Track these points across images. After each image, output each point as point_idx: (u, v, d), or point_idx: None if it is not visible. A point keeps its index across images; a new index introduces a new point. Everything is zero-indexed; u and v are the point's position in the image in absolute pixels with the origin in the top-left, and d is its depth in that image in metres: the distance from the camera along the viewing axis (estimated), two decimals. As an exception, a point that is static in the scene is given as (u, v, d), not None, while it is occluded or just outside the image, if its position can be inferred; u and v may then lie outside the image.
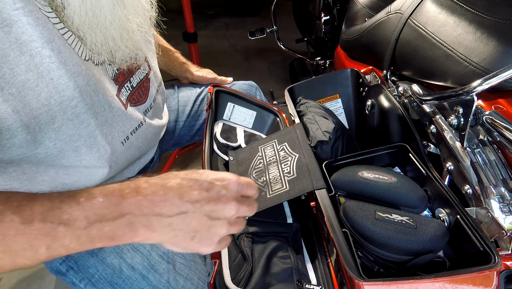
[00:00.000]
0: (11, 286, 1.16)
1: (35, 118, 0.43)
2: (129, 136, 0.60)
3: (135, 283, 0.57)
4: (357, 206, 0.52)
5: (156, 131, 0.71)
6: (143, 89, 0.65)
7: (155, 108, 0.71)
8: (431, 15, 0.69)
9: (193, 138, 0.96)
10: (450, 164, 0.59)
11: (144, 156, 0.73)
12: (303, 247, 0.58)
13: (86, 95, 0.48)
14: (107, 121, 0.53)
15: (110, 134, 0.54)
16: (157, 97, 0.72)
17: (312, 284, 0.51)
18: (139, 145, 0.65)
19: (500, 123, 0.52)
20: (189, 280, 0.60)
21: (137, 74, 0.63)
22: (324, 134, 0.65)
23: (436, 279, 0.40)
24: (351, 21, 1.05)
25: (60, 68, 0.44)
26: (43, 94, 0.43)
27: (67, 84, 0.45)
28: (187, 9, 1.54)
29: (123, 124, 0.57)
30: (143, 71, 0.65)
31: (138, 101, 0.63)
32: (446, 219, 0.53)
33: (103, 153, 0.54)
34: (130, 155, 0.63)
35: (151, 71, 0.68)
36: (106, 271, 0.58)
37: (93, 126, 0.50)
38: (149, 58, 0.68)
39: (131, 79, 0.61)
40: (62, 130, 0.47)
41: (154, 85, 0.69)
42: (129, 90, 0.60)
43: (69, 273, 0.59)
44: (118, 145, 0.57)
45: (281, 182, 0.60)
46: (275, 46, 1.90)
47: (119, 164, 0.60)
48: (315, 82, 0.88)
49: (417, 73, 0.72)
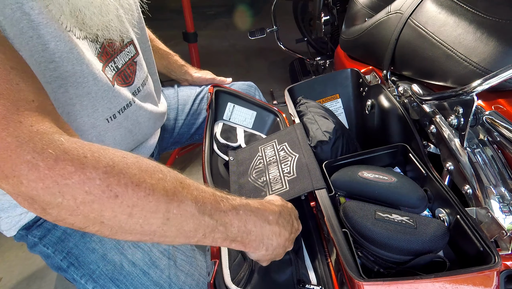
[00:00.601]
0: (11, 286, 1.16)
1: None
2: (116, 115, 0.60)
3: (136, 279, 0.57)
4: (357, 206, 0.52)
5: (149, 116, 0.71)
6: (128, 72, 0.65)
7: (145, 93, 0.70)
8: (431, 15, 0.69)
9: (192, 137, 0.97)
10: (450, 164, 0.59)
11: (142, 148, 0.73)
12: (303, 247, 0.58)
13: (67, 61, 0.48)
14: (89, 93, 0.53)
15: (92, 107, 0.55)
16: (147, 82, 0.71)
17: (312, 284, 0.51)
18: (129, 127, 0.65)
19: (500, 123, 0.52)
20: (190, 276, 0.61)
21: (122, 56, 0.63)
22: (324, 134, 0.65)
23: (436, 279, 0.40)
24: (351, 21, 1.05)
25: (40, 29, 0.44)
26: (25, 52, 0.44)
27: (46, 45, 0.46)
28: (187, 9, 1.54)
29: (109, 100, 0.57)
30: (128, 53, 0.65)
31: (124, 83, 0.63)
32: (446, 219, 0.53)
33: (81, 123, 0.54)
34: (120, 136, 0.63)
35: (139, 56, 0.68)
36: (107, 267, 0.58)
37: (72, 94, 0.51)
38: (136, 43, 0.68)
39: (116, 59, 0.61)
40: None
41: (142, 69, 0.69)
42: (114, 71, 0.60)
43: (70, 269, 0.59)
44: (101, 120, 0.57)
45: (281, 182, 0.60)
46: (275, 46, 1.90)
47: (104, 142, 0.60)
48: (315, 82, 0.88)
49: (417, 73, 0.72)
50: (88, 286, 0.59)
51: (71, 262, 0.59)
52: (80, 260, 0.59)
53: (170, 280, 0.58)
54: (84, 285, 0.59)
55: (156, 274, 0.58)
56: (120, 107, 0.61)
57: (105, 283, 0.58)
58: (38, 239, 0.61)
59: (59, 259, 0.60)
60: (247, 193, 0.62)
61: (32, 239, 0.61)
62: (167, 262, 0.60)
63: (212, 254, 0.53)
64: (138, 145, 0.73)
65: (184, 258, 0.63)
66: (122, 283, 0.58)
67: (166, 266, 0.59)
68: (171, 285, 0.58)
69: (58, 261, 0.60)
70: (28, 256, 1.25)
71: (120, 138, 0.64)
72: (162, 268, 0.59)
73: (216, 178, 0.71)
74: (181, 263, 0.62)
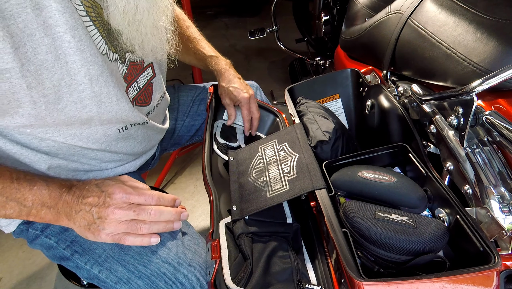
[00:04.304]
0: (11, 286, 1.16)
1: (45, 97, 0.47)
2: (128, 127, 0.63)
3: (144, 258, 0.58)
4: (357, 206, 0.52)
5: (157, 132, 0.74)
6: (147, 92, 0.68)
7: (158, 112, 0.74)
8: (431, 15, 0.69)
9: (192, 138, 0.97)
10: (450, 164, 0.59)
11: (146, 153, 0.76)
12: (303, 247, 0.58)
13: (95, 84, 0.51)
14: (111, 112, 0.56)
15: (109, 122, 0.58)
16: (160, 103, 0.75)
17: (312, 284, 0.51)
18: (139, 139, 0.68)
19: (500, 123, 0.52)
20: (197, 254, 0.62)
21: (142, 77, 0.66)
22: (324, 134, 0.65)
23: (436, 279, 0.40)
24: (351, 21, 1.05)
25: (76, 54, 0.48)
26: (56, 76, 0.47)
27: (79, 69, 0.49)
28: (187, 9, 1.54)
29: (127, 118, 0.61)
30: (147, 75, 0.68)
31: (144, 102, 0.67)
32: (446, 219, 0.53)
33: (94, 131, 0.58)
34: (130, 146, 0.66)
35: (155, 77, 0.71)
36: (114, 250, 0.59)
37: (94, 112, 0.54)
38: (154, 65, 0.70)
39: (138, 80, 0.64)
40: (65, 112, 0.51)
41: (157, 90, 0.72)
42: (136, 91, 0.64)
43: (74, 257, 0.60)
44: (113, 130, 0.60)
45: (281, 182, 0.60)
46: (275, 46, 1.90)
47: (117, 151, 0.64)
48: (315, 82, 0.88)
49: (417, 73, 0.72)
50: (94, 270, 0.59)
51: (75, 250, 0.60)
52: (85, 246, 0.60)
53: (178, 257, 0.60)
54: (89, 270, 0.60)
55: (165, 253, 0.59)
56: (133, 122, 0.64)
57: (111, 265, 0.59)
58: (40, 231, 0.62)
59: (62, 248, 0.61)
60: (247, 192, 0.62)
61: (33, 232, 0.62)
62: (175, 242, 0.61)
63: (213, 254, 0.53)
64: (144, 153, 0.75)
65: (191, 239, 0.64)
66: (129, 263, 0.58)
67: (174, 245, 0.61)
68: (179, 262, 0.59)
69: (61, 250, 0.61)
70: (28, 256, 1.25)
71: (131, 149, 0.67)
72: (170, 247, 0.60)
73: (216, 177, 0.71)
74: (188, 243, 0.63)
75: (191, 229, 0.68)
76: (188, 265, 0.59)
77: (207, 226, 1.38)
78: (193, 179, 1.60)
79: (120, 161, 0.68)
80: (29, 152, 0.55)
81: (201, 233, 1.34)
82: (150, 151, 0.78)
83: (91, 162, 0.63)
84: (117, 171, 0.69)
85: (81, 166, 0.62)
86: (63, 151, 0.57)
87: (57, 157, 0.58)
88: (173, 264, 0.59)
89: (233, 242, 0.55)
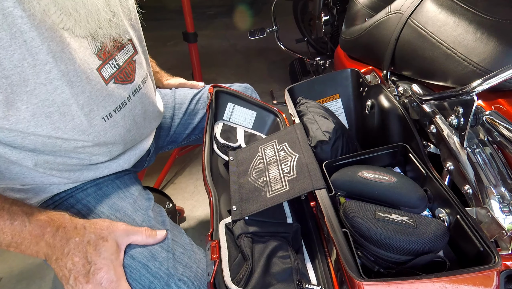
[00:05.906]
0: (11, 286, 1.16)
1: (7, 78, 0.45)
2: (112, 114, 0.61)
3: (135, 271, 0.58)
4: (357, 206, 0.52)
5: (145, 116, 0.72)
6: (129, 69, 0.66)
7: (146, 91, 0.71)
8: (431, 15, 0.69)
9: (189, 137, 0.97)
10: (450, 164, 0.59)
11: (139, 146, 0.74)
12: (303, 247, 0.58)
13: (60, 61, 0.49)
14: (84, 92, 0.54)
15: (88, 106, 0.56)
16: (147, 81, 0.72)
17: (312, 284, 0.51)
18: (127, 126, 0.66)
19: (500, 123, 0.52)
20: (189, 268, 0.61)
21: (122, 54, 0.64)
22: (324, 134, 0.65)
23: (436, 279, 0.40)
24: (351, 21, 1.05)
25: (32, 30, 0.45)
26: (16, 56, 0.45)
27: (40, 47, 0.47)
28: (187, 9, 1.54)
29: (103, 99, 0.59)
30: (127, 52, 0.66)
31: (125, 80, 0.64)
32: (446, 219, 0.53)
33: (78, 123, 0.56)
34: (119, 135, 0.65)
35: (137, 54, 0.69)
36: None
37: (68, 94, 0.52)
38: (134, 41, 0.69)
39: (116, 57, 0.62)
40: (35, 94, 0.49)
41: (142, 67, 0.70)
42: (115, 68, 0.62)
43: None
44: (98, 119, 0.59)
45: (281, 182, 0.60)
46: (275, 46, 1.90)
47: (106, 142, 0.62)
48: (315, 82, 0.88)
49: (417, 73, 0.72)
50: None
51: None
52: None
53: (169, 271, 0.59)
54: None
55: (155, 266, 0.59)
56: (115, 106, 0.62)
57: None
58: None
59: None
60: (247, 193, 0.62)
61: None
62: (166, 255, 0.60)
63: (212, 254, 0.53)
64: (135, 144, 0.73)
65: (182, 251, 0.63)
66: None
67: (165, 259, 0.60)
68: (169, 277, 0.58)
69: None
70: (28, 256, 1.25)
71: (119, 138, 0.65)
72: (161, 261, 0.59)
73: (216, 178, 0.71)
74: (179, 255, 0.62)
75: (184, 239, 0.66)
76: (179, 280, 0.59)
77: (207, 226, 1.38)
78: (193, 179, 1.60)
79: (110, 153, 0.66)
80: (13, 150, 0.54)
81: (201, 233, 1.34)
82: (143, 142, 0.75)
83: (80, 156, 0.61)
84: (111, 167, 0.68)
85: (70, 160, 0.61)
86: (48, 146, 0.56)
87: (44, 153, 0.57)
88: (163, 278, 0.58)
89: (233, 242, 0.55)
